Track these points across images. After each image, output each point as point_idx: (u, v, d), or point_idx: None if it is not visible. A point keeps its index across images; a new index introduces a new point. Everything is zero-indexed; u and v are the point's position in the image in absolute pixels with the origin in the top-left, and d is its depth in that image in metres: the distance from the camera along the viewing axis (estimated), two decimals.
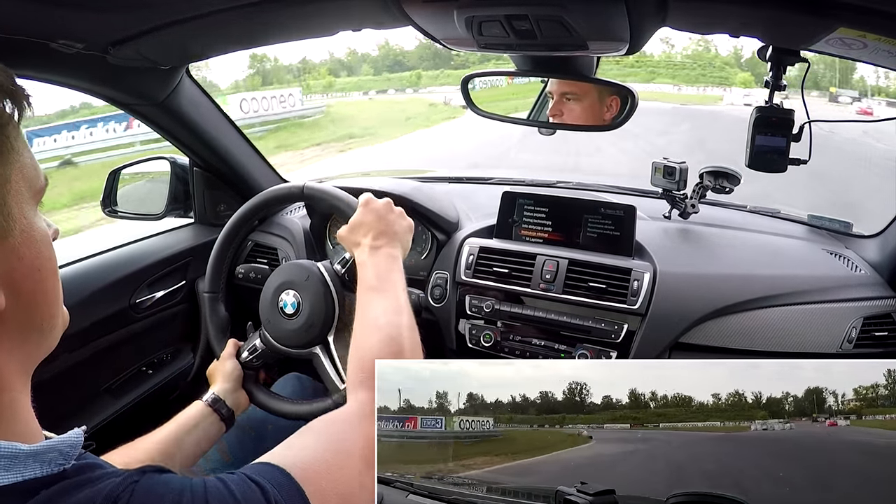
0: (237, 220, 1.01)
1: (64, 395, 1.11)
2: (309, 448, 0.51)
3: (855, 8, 0.60)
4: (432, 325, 1.22)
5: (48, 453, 0.38)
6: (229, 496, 0.40)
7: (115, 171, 1.40)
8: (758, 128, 0.92)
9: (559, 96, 1.12)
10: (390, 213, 0.83)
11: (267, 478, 0.43)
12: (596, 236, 1.19)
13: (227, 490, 0.40)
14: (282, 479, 0.44)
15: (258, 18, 0.82)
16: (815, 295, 1.06)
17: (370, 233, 0.79)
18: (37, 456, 0.38)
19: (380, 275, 0.74)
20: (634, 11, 0.69)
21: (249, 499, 0.40)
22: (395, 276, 0.75)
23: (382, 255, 0.77)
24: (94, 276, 1.17)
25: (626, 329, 1.07)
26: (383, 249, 0.77)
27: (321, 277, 0.92)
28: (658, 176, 1.24)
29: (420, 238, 1.31)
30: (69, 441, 0.40)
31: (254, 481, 0.42)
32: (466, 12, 0.74)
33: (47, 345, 0.45)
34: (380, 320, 0.67)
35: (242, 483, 0.42)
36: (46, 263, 0.42)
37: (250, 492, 0.41)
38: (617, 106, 1.07)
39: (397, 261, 0.77)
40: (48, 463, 0.38)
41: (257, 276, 1.20)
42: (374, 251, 0.77)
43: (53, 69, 0.92)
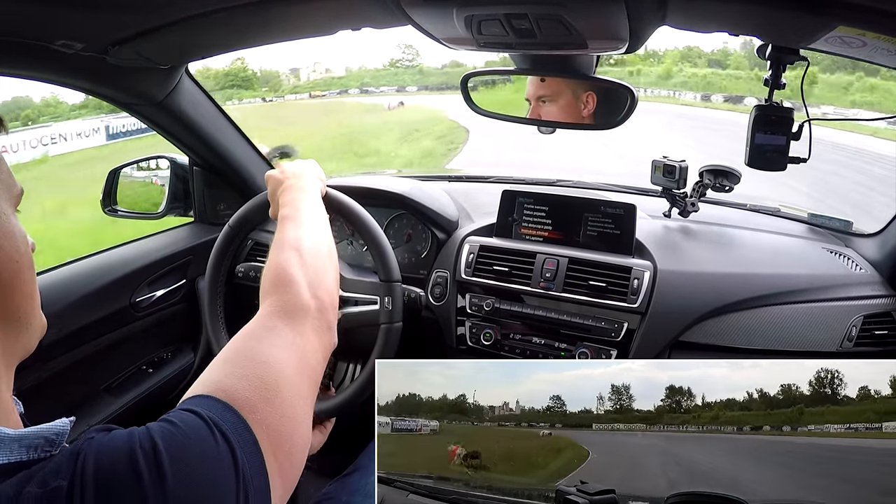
0: (211, 266, 1.06)
1: (64, 393, 1.12)
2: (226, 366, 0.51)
3: (854, 6, 0.59)
4: (432, 323, 1.22)
5: (34, 439, 0.39)
6: (169, 426, 0.41)
7: (115, 171, 1.40)
8: (757, 126, 0.92)
9: (535, 100, 1.12)
10: (286, 166, 0.89)
11: (197, 405, 0.44)
12: (596, 235, 1.20)
13: (167, 422, 0.42)
14: (210, 402, 0.45)
15: (258, 18, 0.82)
16: (815, 293, 1.06)
17: (279, 186, 0.85)
18: (22, 440, 0.39)
19: (290, 206, 0.79)
20: (634, 10, 0.69)
21: (187, 422, 0.42)
22: (302, 202, 0.79)
23: (289, 191, 0.82)
24: (94, 275, 1.18)
25: (626, 327, 1.07)
26: (291, 188, 0.83)
27: None
28: (658, 174, 1.24)
29: (420, 237, 1.31)
30: (55, 429, 0.40)
31: (188, 410, 0.44)
32: (466, 11, 0.74)
33: (26, 341, 0.46)
34: (283, 237, 0.71)
35: (178, 413, 0.43)
36: (24, 258, 0.45)
37: (187, 417, 0.43)
38: (594, 101, 1.07)
39: (303, 190, 0.82)
40: (34, 448, 0.39)
41: (257, 274, 1.20)
42: (284, 193, 0.83)
43: (53, 69, 0.92)
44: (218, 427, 0.42)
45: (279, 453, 0.46)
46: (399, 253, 1.29)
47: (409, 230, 1.33)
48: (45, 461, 0.38)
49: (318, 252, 0.70)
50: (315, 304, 0.62)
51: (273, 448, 0.45)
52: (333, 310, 0.66)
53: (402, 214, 1.33)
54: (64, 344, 1.08)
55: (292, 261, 0.66)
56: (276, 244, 0.71)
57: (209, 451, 0.41)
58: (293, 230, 0.73)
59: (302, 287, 0.63)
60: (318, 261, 0.69)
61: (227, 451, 0.42)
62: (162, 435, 0.40)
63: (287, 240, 0.70)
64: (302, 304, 0.61)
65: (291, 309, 0.60)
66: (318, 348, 0.60)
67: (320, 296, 0.64)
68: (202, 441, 0.41)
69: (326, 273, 0.69)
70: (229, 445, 0.42)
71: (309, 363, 0.56)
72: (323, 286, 0.66)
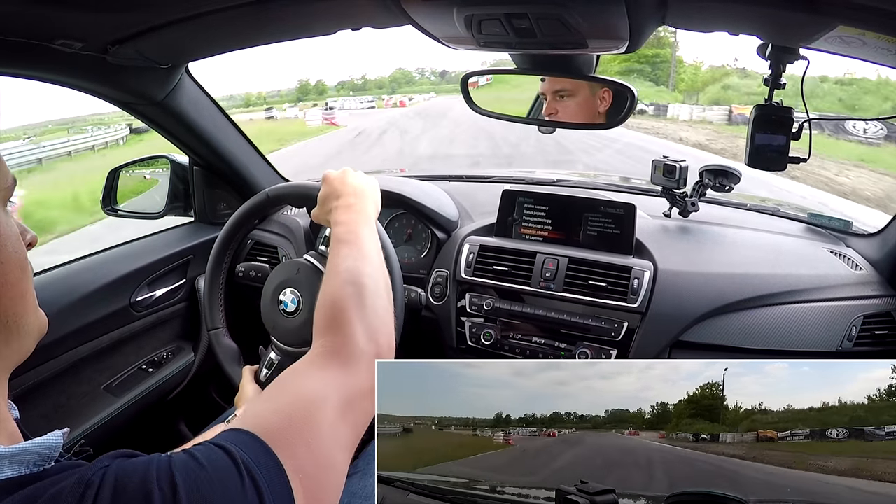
0: (217, 250, 1.05)
1: (64, 393, 1.12)
2: (270, 403, 0.49)
3: (855, 6, 0.59)
4: (432, 323, 1.22)
5: (25, 455, 0.38)
6: (194, 463, 0.39)
7: (115, 171, 1.40)
8: (757, 126, 0.92)
9: (552, 95, 1.11)
10: (349, 175, 0.83)
11: (230, 440, 0.42)
12: (596, 234, 1.19)
13: (192, 458, 0.39)
14: (245, 438, 0.42)
15: (257, 17, 0.82)
16: (815, 293, 1.06)
17: (336, 198, 0.80)
18: (13, 457, 0.37)
19: (347, 228, 0.74)
20: (634, 9, 0.69)
21: (214, 461, 0.39)
22: (363, 229, 0.74)
23: (351, 212, 0.77)
24: (94, 275, 1.18)
25: (626, 327, 1.07)
26: (351, 207, 0.78)
27: (311, 266, 0.92)
28: (658, 174, 1.24)
29: (420, 236, 1.31)
30: (47, 443, 0.39)
31: (218, 446, 0.41)
32: (466, 11, 0.74)
33: (18, 345, 0.44)
34: (341, 266, 0.66)
35: (207, 449, 0.41)
36: (12, 257, 0.42)
37: (215, 455, 0.40)
38: (610, 98, 1.06)
39: (366, 215, 0.77)
40: (26, 464, 0.38)
41: (258, 274, 1.20)
42: (343, 211, 0.77)
43: (53, 69, 0.92)
44: (247, 468, 0.40)
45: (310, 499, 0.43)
46: (399, 252, 1.29)
47: (409, 230, 1.33)
48: (41, 475, 0.37)
49: (377, 290, 0.65)
50: (372, 350, 0.58)
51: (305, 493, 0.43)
52: (391, 354, 0.62)
53: (402, 214, 1.33)
54: (64, 344, 1.08)
55: (351, 299, 0.61)
56: (333, 272, 0.66)
57: (233, 496, 0.38)
58: (352, 260, 0.68)
59: (359, 330, 0.58)
60: (377, 301, 0.64)
61: (254, 495, 0.39)
62: (184, 475, 0.38)
63: (346, 271, 0.65)
64: (358, 349, 0.57)
65: (346, 353, 0.56)
66: (368, 394, 0.55)
67: (378, 340, 0.59)
68: (227, 484, 0.39)
69: (386, 313, 0.64)
70: (257, 489, 0.39)
71: (354, 410, 0.52)
72: (382, 330, 0.61)
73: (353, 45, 63.24)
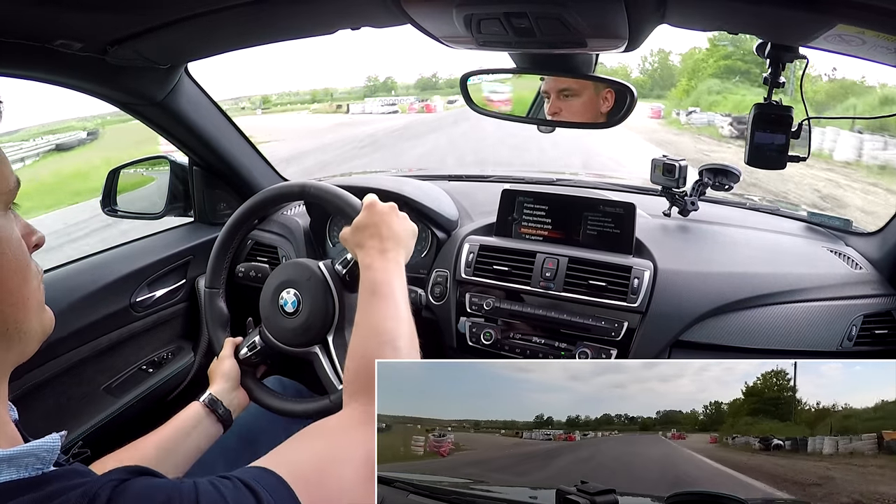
0: (239, 216, 1.00)
1: (64, 394, 1.11)
2: (305, 454, 0.50)
3: (854, 4, 0.59)
4: (432, 323, 1.22)
5: (24, 458, 0.38)
6: (221, 501, 0.39)
7: (115, 171, 1.40)
8: (757, 124, 0.92)
9: (556, 94, 1.11)
10: (395, 216, 0.80)
11: (261, 482, 0.42)
12: (596, 234, 1.19)
13: (219, 494, 0.39)
14: (276, 483, 0.43)
15: (256, 17, 0.82)
16: (815, 293, 1.05)
17: (374, 236, 0.77)
18: (12, 461, 0.37)
19: (382, 280, 0.72)
20: (633, 9, 0.69)
21: (239, 501, 0.40)
22: (397, 281, 0.72)
23: (385, 260, 0.74)
24: (94, 275, 1.18)
25: (626, 327, 1.07)
26: (386, 254, 0.75)
27: (322, 278, 0.91)
28: (658, 173, 1.24)
29: (420, 236, 1.31)
30: (45, 446, 0.39)
31: (247, 486, 0.41)
32: (465, 10, 0.74)
33: (20, 350, 0.43)
34: (379, 327, 0.66)
35: (235, 489, 0.41)
36: (10, 263, 0.41)
37: (243, 497, 0.40)
38: (612, 98, 1.06)
39: (400, 266, 0.75)
40: (24, 467, 0.37)
41: (258, 274, 1.20)
42: (377, 255, 0.75)
43: (52, 69, 0.92)
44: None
45: None
46: None
47: None
48: (40, 479, 0.37)
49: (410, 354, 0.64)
50: None
51: None
52: None
53: None
54: (64, 344, 1.08)
55: None
56: (370, 329, 0.65)
57: None
58: (391, 321, 0.66)
59: None
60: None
61: None
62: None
63: (385, 333, 0.65)
64: None
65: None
66: None
67: None
68: None
69: None
70: None
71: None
72: None
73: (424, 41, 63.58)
